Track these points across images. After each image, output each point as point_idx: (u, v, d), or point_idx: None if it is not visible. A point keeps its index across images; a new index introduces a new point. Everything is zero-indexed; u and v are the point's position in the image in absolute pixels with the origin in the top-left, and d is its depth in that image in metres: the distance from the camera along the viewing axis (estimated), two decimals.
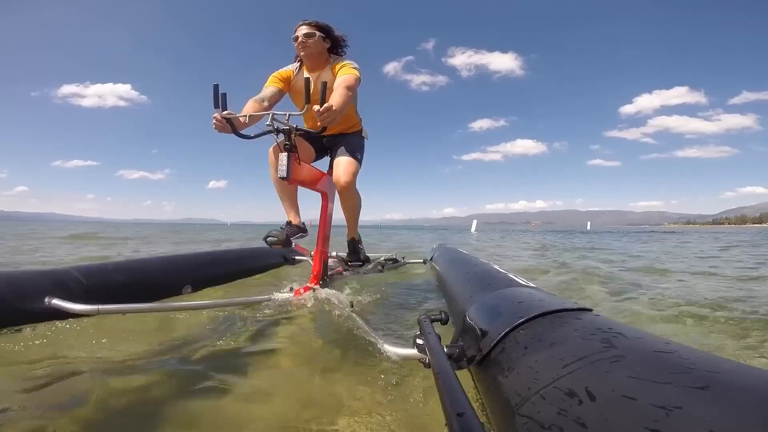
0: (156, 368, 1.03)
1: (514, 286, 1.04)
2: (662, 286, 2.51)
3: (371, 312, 1.68)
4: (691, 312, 1.67)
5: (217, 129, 1.52)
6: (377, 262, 2.92)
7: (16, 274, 1.38)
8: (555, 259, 4.67)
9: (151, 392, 0.88)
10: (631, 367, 0.43)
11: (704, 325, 1.52)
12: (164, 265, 1.94)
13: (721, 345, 1.29)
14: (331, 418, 0.78)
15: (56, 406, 0.81)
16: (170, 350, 1.17)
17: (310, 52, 1.85)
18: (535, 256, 5.50)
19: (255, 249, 2.96)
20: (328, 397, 0.87)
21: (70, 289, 1.38)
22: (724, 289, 2.35)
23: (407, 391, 0.89)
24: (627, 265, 4.01)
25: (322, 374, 1.00)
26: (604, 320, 0.63)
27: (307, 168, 1.78)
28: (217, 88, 1.48)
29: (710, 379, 0.37)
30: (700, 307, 1.77)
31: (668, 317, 1.64)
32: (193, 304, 1.50)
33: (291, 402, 0.86)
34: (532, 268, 3.81)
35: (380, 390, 0.90)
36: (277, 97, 1.89)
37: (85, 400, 0.84)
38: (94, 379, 0.94)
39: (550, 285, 2.65)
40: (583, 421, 0.39)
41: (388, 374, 0.97)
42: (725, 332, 1.41)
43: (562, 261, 4.35)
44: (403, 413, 0.81)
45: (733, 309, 1.72)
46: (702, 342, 1.33)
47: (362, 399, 0.86)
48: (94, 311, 1.27)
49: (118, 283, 1.59)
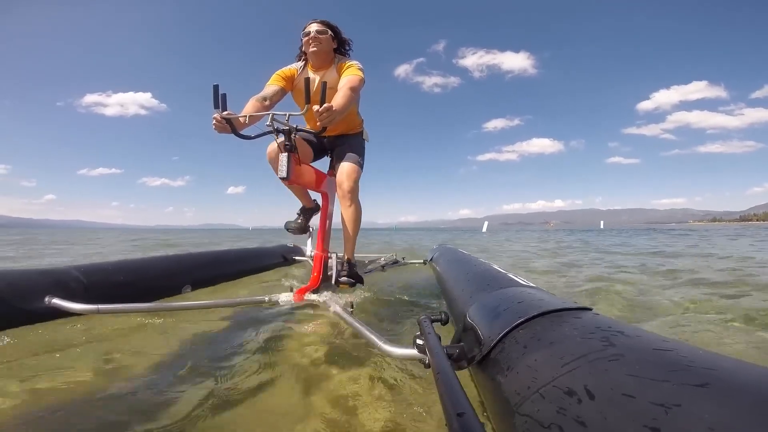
0: (155, 368, 1.03)
1: (513, 286, 1.04)
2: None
3: (371, 312, 1.68)
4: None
5: (217, 129, 1.52)
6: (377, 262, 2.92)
7: (16, 273, 1.38)
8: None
9: (150, 392, 0.88)
10: (630, 365, 0.43)
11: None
12: (164, 265, 1.94)
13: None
14: (331, 418, 0.78)
15: (56, 407, 0.81)
16: (169, 350, 1.17)
17: (321, 49, 1.85)
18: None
19: (255, 249, 2.96)
20: (327, 397, 0.87)
21: (71, 289, 1.38)
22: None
23: (407, 392, 0.89)
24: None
25: (322, 375, 1.00)
26: (603, 319, 0.63)
27: (307, 168, 1.79)
28: (217, 88, 1.49)
29: (709, 377, 0.37)
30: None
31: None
32: (193, 304, 1.50)
33: (291, 402, 0.86)
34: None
35: (380, 390, 0.90)
36: (278, 96, 1.89)
37: (84, 401, 0.84)
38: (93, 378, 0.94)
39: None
40: (582, 420, 0.39)
41: (388, 375, 0.97)
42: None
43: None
44: (403, 413, 0.81)
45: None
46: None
47: (362, 399, 0.86)
48: (94, 311, 1.27)
49: (118, 283, 1.59)
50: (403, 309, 1.79)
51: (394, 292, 2.15)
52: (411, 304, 1.91)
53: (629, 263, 4.01)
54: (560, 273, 3.28)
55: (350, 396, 0.88)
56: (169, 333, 1.33)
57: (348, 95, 1.61)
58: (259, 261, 2.75)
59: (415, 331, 0.88)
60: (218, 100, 1.49)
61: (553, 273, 3.30)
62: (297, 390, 0.91)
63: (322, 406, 0.83)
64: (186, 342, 1.25)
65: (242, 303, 1.61)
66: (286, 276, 2.62)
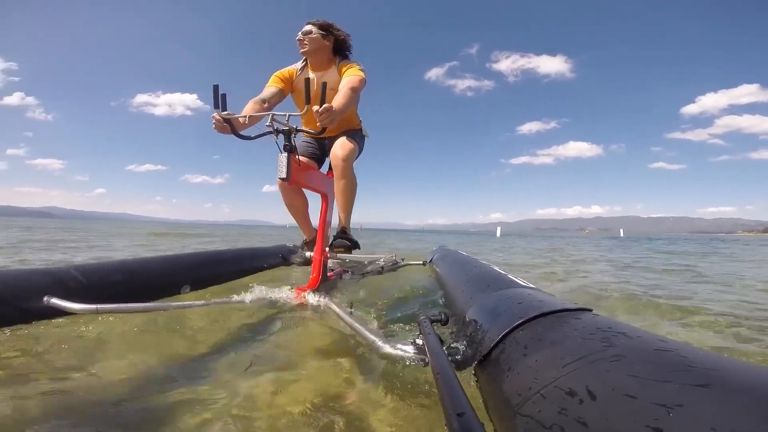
0: (155, 368, 1.03)
1: (513, 287, 1.04)
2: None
3: (371, 313, 1.68)
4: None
5: (217, 128, 1.52)
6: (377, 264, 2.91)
7: (14, 272, 1.38)
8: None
9: (148, 392, 0.88)
10: (632, 366, 0.43)
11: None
12: (163, 265, 1.94)
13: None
14: (330, 418, 0.78)
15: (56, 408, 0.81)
16: (168, 350, 1.17)
17: (311, 49, 1.85)
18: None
19: (255, 249, 2.95)
20: (327, 397, 0.87)
21: (69, 289, 1.37)
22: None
23: (407, 392, 0.89)
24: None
25: (321, 375, 1.00)
26: (604, 320, 0.63)
27: (307, 168, 1.79)
28: (217, 88, 1.49)
29: (710, 377, 0.37)
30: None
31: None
32: (192, 303, 1.50)
33: (289, 402, 0.85)
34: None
35: (380, 390, 0.90)
36: (277, 98, 1.89)
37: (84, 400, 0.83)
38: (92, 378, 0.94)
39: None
40: (584, 420, 0.39)
41: (388, 375, 0.97)
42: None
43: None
44: (403, 413, 0.80)
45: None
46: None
47: (362, 399, 0.86)
48: (93, 310, 1.27)
49: (117, 283, 1.58)
50: (402, 309, 1.79)
51: (393, 293, 2.15)
52: (411, 304, 1.91)
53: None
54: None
55: (349, 396, 0.88)
56: (168, 333, 1.33)
57: (348, 95, 1.61)
58: (258, 261, 2.75)
59: (415, 332, 0.88)
60: (218, 101, 1.49)
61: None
62: (296, 390, 0.91)
63: (320, 406, 0.83)
64: (185, 342, 1.24)
65: (241, 303, 1.60)
66: (286, 276, 2.61)
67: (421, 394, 0.87)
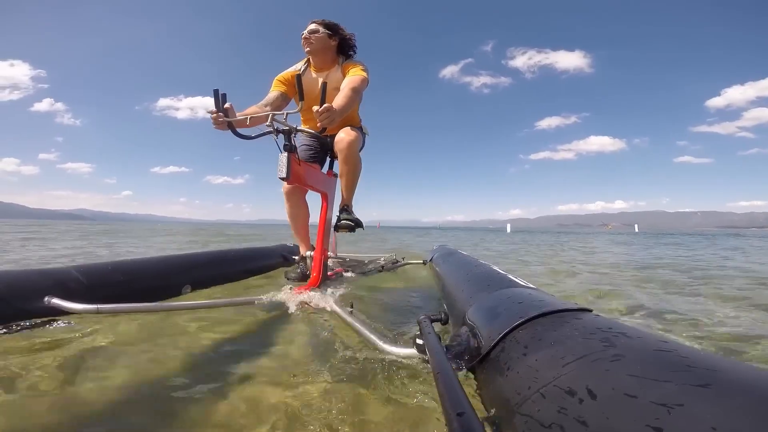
0: (154, 368, 1.03)
1: (513, 287, 1.04)
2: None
3: (371, 312, 1.68)
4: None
5: (215, 124, 1.53)
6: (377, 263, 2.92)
7: (15, 273, 1.38)
8: None
9: (147, 392, 0.88)
10: (632, 366, 0.43)
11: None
12: (164, 265, 1.94)
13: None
14: (331, 418, 0.78)
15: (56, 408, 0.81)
16: (168, 350, 1.17)
17: (314, 48, 1.85)
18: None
19: (255, 249, 2.96)
20: (326, 397, 0.87)
21: (70, 289, 1.38)
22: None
23: (407, 392, 0.89)
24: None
25: (321, 375, 1.00)
26: (604, 320, 0.63)
27: (307, 168, 1.79)
28: (217, 92, 1.52)
29: (711, 377, 0.37)
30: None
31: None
32: (193, 304, 1.50)
33: (289, 402, 0.85)
34: None
35: (379, 390, 0.90)
36: (279, 102, 1.89)
37: (84, 401, 0.84)
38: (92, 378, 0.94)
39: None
40: (584, 419, 0.39)
41: (387, 375, 0.97)
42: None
43: None
44: (403, 413, 0.80)
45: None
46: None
47: (362, 399, 0.86)
48: (94, 311, 1.27)
49: (117, 283, 1.59)
50: (402, 309, 1.79)
51: (393, 293, 2.15)
52: (411, 304, 1.91)
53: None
54: None
55: (349, 396, 0.88)
56: (168, 333, 1.33)
57: (349, 95, 1.61)
58: (259, 261, 2.75)
59: (415, 331, 0.88)
60: (218, 101, 1.51)
61: None
62: (295, 390, 0.91)
63: (319, 406, 0.83)
64: (185, 342, 1.24)
65: (242, 303, 1.61)
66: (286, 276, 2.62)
67: (420, 394, 0.87)
